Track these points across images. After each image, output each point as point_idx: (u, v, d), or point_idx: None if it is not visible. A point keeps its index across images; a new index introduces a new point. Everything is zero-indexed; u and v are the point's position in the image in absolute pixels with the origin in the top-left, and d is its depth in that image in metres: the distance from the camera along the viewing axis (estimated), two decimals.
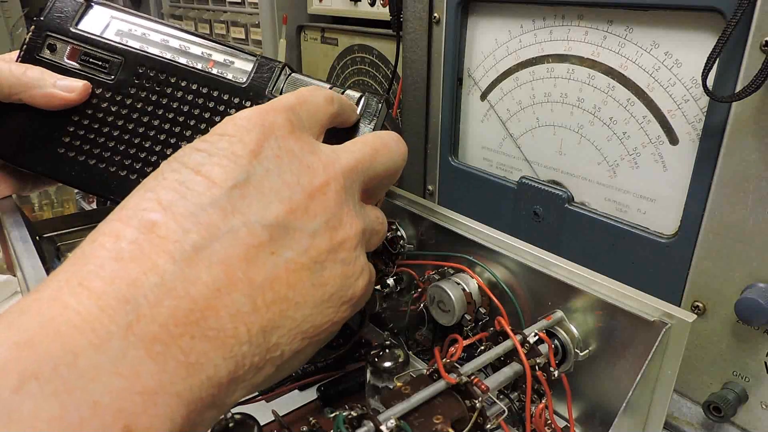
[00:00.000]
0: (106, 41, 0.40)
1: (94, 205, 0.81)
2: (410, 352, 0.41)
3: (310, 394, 0.43)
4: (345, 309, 0.27)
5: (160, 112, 0.39)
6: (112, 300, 0.20)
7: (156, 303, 0.20)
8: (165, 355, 0.20)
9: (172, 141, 0.39)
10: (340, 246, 0.26)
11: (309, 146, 0.27)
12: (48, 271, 0.38)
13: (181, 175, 0.24)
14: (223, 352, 0.22)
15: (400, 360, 0.37)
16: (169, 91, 0.39)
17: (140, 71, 0.39)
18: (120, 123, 0.39)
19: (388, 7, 0.58)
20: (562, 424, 0.35)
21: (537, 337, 0.33)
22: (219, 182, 0.23)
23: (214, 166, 0.24)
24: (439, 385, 0.28)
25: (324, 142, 0.30)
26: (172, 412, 0.20)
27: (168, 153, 0.39)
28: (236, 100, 0.39)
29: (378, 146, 0.30)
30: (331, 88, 0.39)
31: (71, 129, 0.39)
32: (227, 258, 0.22)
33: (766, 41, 0.33)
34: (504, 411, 0.30)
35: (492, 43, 0.51)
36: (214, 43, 0.40)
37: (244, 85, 0.39)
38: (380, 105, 0.38)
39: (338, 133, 0.35)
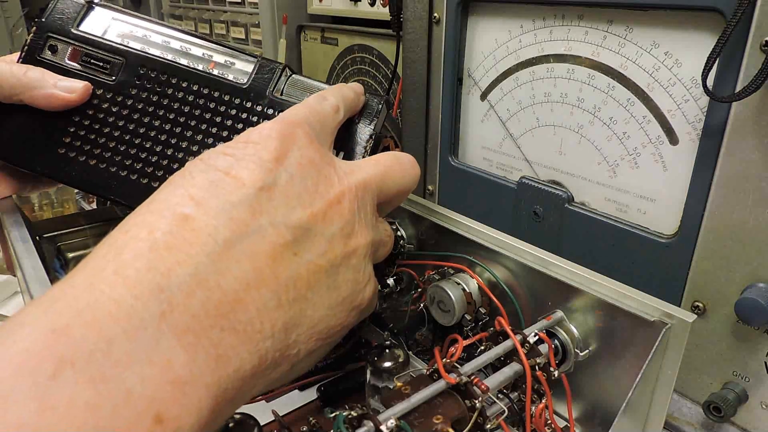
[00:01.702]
0: (108, 42, 0.40)
1: (94, 205, 0.81)
2: (410, 352, 0.41)
3: (310, 394, 0.43)
4: (354, 314, 0.28)
5: (160, 113, 0.39)
6: (146, 289, 0.20)
7: (189, 293, 0.21)
8: (195, 345, 0.20)
9: (173, 142, 0.39)
10: (353, 253, 0.28)
11: (326, 158, 0.29)
12: (48, 271, 0.38)
13: (210, 175, 0.25)
14: (249, 346, 0.22)
15: (400, 360, 0.37)
16: (170, 92, 0.39)
17: (141, 72, 0.39)
18: (121, 124, 0.39)
19: (388, 7, 0.58)
20: (562, 424, 0.35)
21: (537, 337, 0.33)
22: (248, 183, 0.25)
23: (242, 168, 0.25)
24: (439, 385, 0.28)
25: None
26: (200, 403, 0.20)
27: (168, 153, 0.39)
28: (237, 101, 0.39)
29: (393, 165, 0.32)
30: None
31: (72, 130, 0.39)
32: (255, 254, 0.23)
33: (766, 41, 0.33)
34: (504, 411, 0.30)
35: (492, 43, 0.51)
36: (215, 45, 0.40)
37: (244, 86, 0.39)
38: (380, 105, 0.38)
39: (340, 130, 0.35)
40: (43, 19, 0.40)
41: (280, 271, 0.24)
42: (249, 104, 0.39)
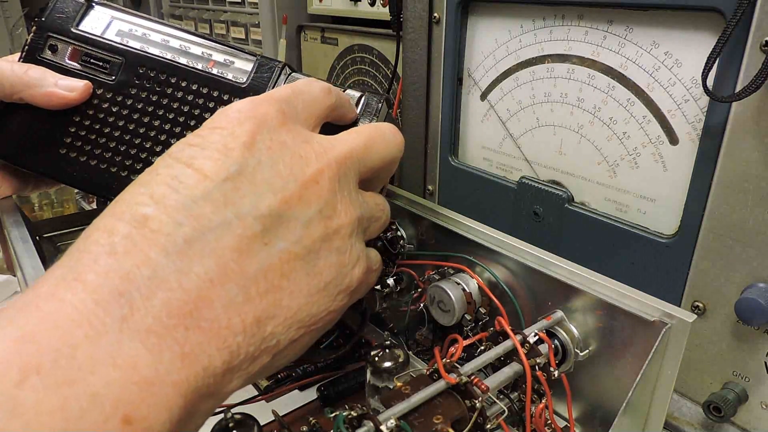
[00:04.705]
0: (107, 42, 0.40)
1: (94, 205, 0.81)
2: (410, 352, 0.41)
3: (310, 394, 0.43)
4: (342, 298, 0.27)
5: (160, 113, 0.39)
6: (107, 293, 0.20)
7: (149, 295, 0.21)
8: (160, 346, 0.20)
9: (173, 141, 0.39)
10: (335, 234, 0.27)
11: (302, 136, 0.27)
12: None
13: (174, 170, 0.24)
14: (217, 343, 0.22)
15: (400, 360, 0.37)
16: (169, 91, 0.39)
17: (141, 72, 0.39)
18: (121, 123, 0.39)
19: (388, 7, 0.58)
20: (562, 424, 0.35)
21: (537, 337, 0.33)
22: (211, 175, 0.24)
23: (206, 159, 0.24)
24: (439, 385, 0.28)
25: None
26: (169, 402, 0.20)
27: None
28: (236, 101, 0.39)
29: (374, 135, 0.30)
30: None
31: (72, 130, 0.39)
32: (219, 249, 0.23)
33: (766, 41, 0.33)
34: (504, 411, 0.30)
35: (492, 43, 0.51)
36: (214, 43, 0.40)
37: (244, 85, 0.39)
38: (380, 104, 0.38)
39: (336, 131, 0.35)
40: (43, 19, 0.40)
41: (248, 263, 0.23)
42: None
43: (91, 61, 0.40)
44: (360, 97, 0.38)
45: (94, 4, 0.41)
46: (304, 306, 0.25)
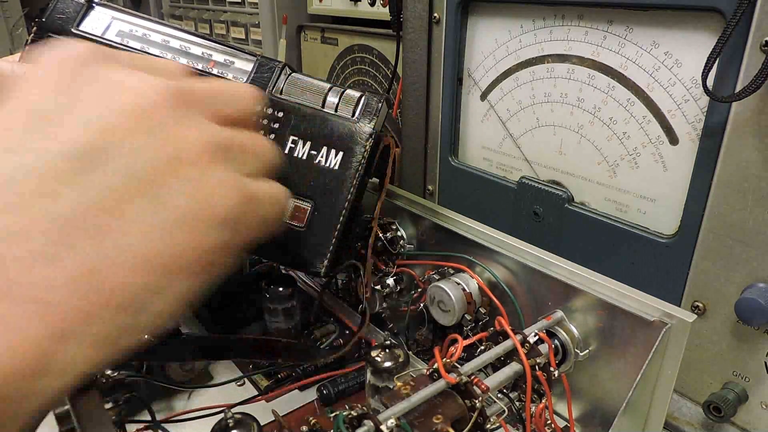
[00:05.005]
0: (107, 42, 0.40)
1: None
2: (410, 352, 0.41)
3: (310, 394, 0.43)
4: (213, 232, 0.24)
5: None
6: None
7: None
8: None
9: None
10: (179, 162, 0.23)
11: (131, 73, 0.25)
12: None
13: None
14: (26, 306, 0.18)
15: (400, 360, 0.37)
16: None
17: None
18: None
19: (388, 7, 0.58)
20: (562, 424, 0.35)
21: (537, 337, 0.33)
22: (7, 125, 0.21)
23: (2, 112, 0.22)
24: (439, 385, 0.28)
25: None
26: None
27: None
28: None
29: (222, 84, 0.28)
30: (331, 88, 0.39)
31: None
32: (16, 197, 0.20)
33: (766, 41, 0.33)
34: (504, 411, 0.30)
35: (492, 43, 0.51)
36: (214, 43, 0.40)
37: None
38: (380, 104, 0.38)
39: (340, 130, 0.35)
40: (44, 19, 0.40)
41: (58, 207, 0.20)
42: None
43: None
44: (360, 97, 0.38)
45: (94, 4, 0.41)
46: (156, 244, 0.22)
